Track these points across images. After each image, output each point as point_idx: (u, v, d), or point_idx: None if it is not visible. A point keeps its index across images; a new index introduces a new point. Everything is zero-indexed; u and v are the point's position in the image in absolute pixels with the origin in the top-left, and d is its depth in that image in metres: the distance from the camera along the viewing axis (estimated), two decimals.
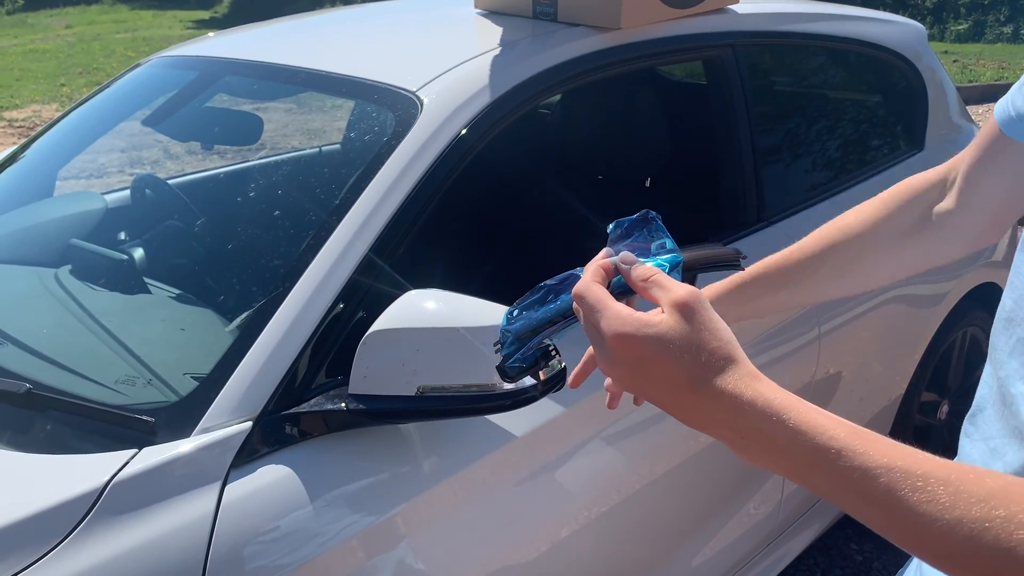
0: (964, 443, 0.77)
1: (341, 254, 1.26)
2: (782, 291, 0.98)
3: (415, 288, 1.22)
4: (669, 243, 0.72)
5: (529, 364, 0.75)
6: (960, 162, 0.95)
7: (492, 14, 1.84)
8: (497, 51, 1.61)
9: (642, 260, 0.68)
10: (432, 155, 1.38)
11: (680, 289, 0.63)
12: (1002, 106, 0.91)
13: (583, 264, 0.72)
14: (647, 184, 2.26)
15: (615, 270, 0.69)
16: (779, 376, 1.80)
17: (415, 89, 1.47)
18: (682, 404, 0.62)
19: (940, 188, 0.97)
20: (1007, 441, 0.68)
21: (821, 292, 1.00)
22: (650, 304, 0.64)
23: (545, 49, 1.64)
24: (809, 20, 2.15)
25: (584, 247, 2.09)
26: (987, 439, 0.72)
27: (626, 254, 0.69)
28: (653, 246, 0.71)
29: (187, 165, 2.67)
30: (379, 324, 1.15)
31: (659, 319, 0.62)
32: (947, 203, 0.95)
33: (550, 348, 0.77)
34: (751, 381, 0.60)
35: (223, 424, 1.15)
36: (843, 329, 1.96)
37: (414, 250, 1.39)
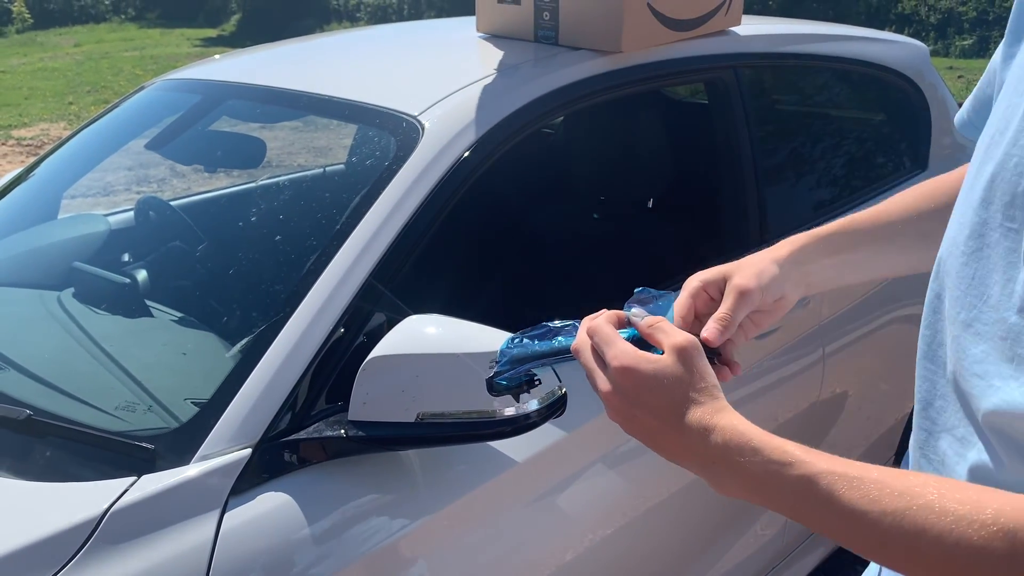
0: (924, 437, 0.78)
1: (342, 279, 1.26)
2: (864, 249, 0.93)
3: (416, 313, 1.21)
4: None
5: (514, 385, 0.87)
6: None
7: (494, 38, 1.85)
8: (499, 75, 1.61)
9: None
10: (433, 179, 1.39)
11: (679, 336, 0.74)
12: (959, 116, 0.89)
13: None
14: (650, 205, 2.26)
15: (628, 322, 0.80)
16: (785, 397, 1.79)
17: (417, 114, 1.48)
18: (663, 433, 0.72)
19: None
20: (972, 429, 0.70)
21: (900, 260, 0.96)
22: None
23: (547, 72, 1.65)
24: (810, 41, 2.15)
25: (586, 269, 2.09)
26: (950, 429, 0.74)
27: (638, 308, 0.82)
28: (662, 305, 0.85)
29: (194, 184, 2.68)
30: (379, 350, 1.15)
31: (658, 358, 0.73)
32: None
33: (536, 377, 0.88)
34: (722, 413, 0.71)
35: (223, 451, 1.14)
36: (847, 350, 1.95)
37: (415, 275, 1.39)
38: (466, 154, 1.43)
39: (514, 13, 1.79)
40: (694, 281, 0.89)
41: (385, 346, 1.15)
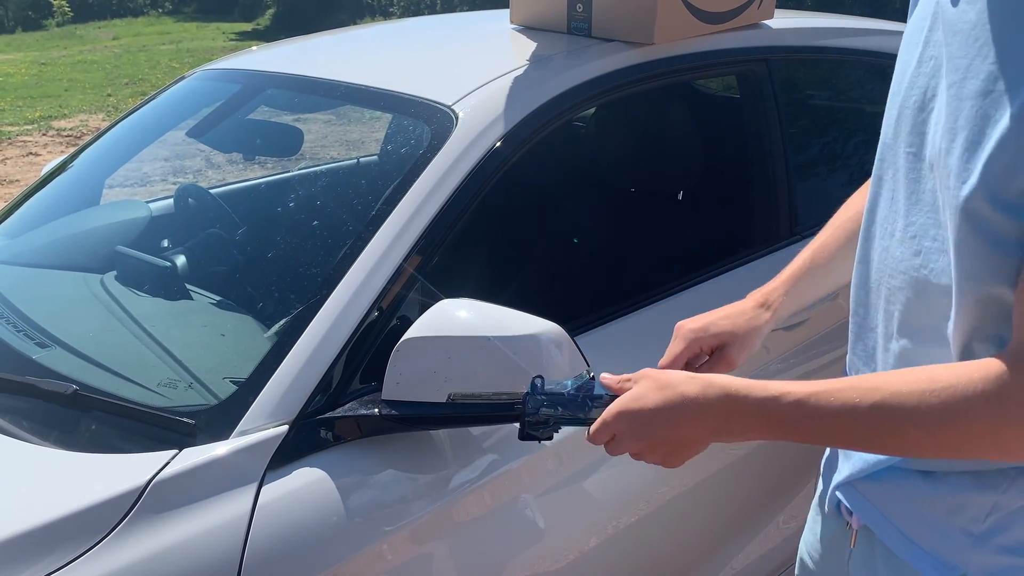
0: (853, 339, 0.99)
1: (377, 264, 1.29)
2: (826, 278, 1.16)
3: (448, 297, 1.24)
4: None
5: (541, 431, 1.03)
6: None
7: (527, 29, 1.87)
8: (532, 66, 1.63)
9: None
10: (467, 168, 1.41)
11: (637, 377, 0.94)
12: None
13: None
14: (680, 197, 2.27)
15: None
16: None
17: (451, 103, 1.50)
18: (681, 432, 0.89)
19: None
20: (894, 327, 0.90)
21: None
22: None
23: (580, 64, 1.67)
24: (843, 35, 2.15)
25: (614, 259, 2.10)
26: (874, 328, 0.94)
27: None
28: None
29: (228, 175, 2.73)
30: (412, 332, 1.18)
31: (629, 391, 0.94)
32: None
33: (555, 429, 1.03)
34: (711, 386, 0.86)
35: (260, 427, 1.18)
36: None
37: (448, 260, 1.41)
38: (498, 144, 1.46)
39: (547, 5, 1.81)
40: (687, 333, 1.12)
41: (418, 328, 1.18)
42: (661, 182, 2.15)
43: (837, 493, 1.02)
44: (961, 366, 0.77)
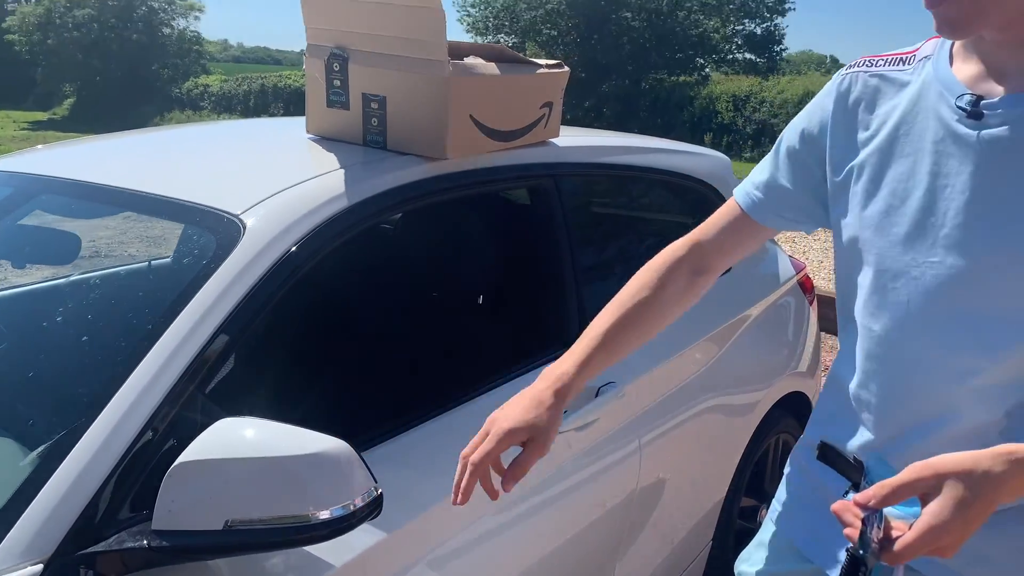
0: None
1: (151, 381, 1.23)
2: (612, 356, 1.26)
3: (231, 416, 1.20)
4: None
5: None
6: (705, 235, 1.31)
7: (323, 140, 1.90)
8: (327, 175, 1.65)
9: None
10: (253, 278, 1.39)
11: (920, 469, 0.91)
12: (744, 193, 1.30)
13: None
14: (477, 303, 2.34)
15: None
16: (603, 488, 1.86)
17: (239, 212, 1.49)
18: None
19: (696, 252, 1.30)
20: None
21: (635, 346, 1.30)
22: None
23: (376, 175, 1.70)
24: (624, 153, 2.34)
25: (416, 364, 2.10)
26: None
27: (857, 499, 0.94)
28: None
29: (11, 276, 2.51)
30: (188, 454, 1.12)
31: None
32: (702, 267, 1.31)
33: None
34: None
35: (11, 568, 1.07)
36: (662, 440, 2.06)
37: (234, 375, 1.37)
38: (289, 253, 1.45)
39: (343, 117, 1.85)
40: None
41: (194, 450, 1.12)
42: (457, 290, 2.20)
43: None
44: None
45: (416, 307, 2.23)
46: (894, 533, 0.91)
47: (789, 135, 1.25)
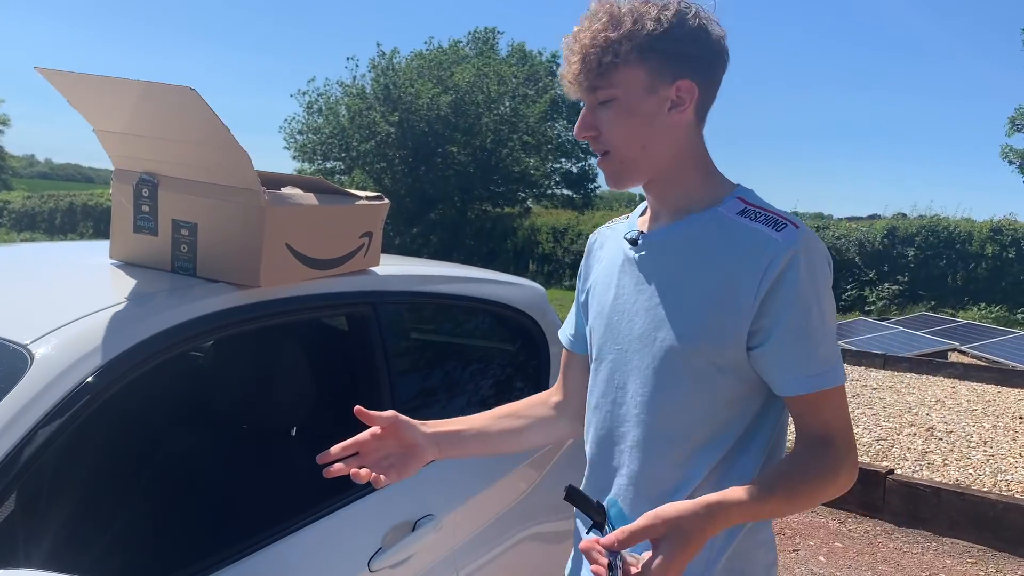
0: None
1: None
2: (470, 450, 1.51)
3: (6, 568, 1.08)
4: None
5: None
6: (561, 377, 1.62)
7: (128, 266, 1.82)
8: (130, 303, 1.58)
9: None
10: (40, 412, 1.29)
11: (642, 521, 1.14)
12: (564, 335, 1.62)
13: None
14: (293, 433, 2.26)
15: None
16: None
17: (27, 342, 1.39)
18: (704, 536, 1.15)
19: (555, 395, 1.62)
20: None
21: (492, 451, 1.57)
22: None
23: (183, 303, 1.64)
24: (443, 282, 2.40)
25: (224, 499, 1.99)
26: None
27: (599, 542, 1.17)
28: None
29: None
30: None
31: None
32: (557, 399, 1.61)
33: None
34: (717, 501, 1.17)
35: None
36: (482, 571, 2.03)
37: (14, 520, 1.24)
38: (83, 385, 1.36)
39: (150, 243, 1.79)
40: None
41: None
42: (270, 420, 2.13)
43: None
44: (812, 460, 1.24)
45: (224, 441, 2.12)
46: (632, 570, 1.14)
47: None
